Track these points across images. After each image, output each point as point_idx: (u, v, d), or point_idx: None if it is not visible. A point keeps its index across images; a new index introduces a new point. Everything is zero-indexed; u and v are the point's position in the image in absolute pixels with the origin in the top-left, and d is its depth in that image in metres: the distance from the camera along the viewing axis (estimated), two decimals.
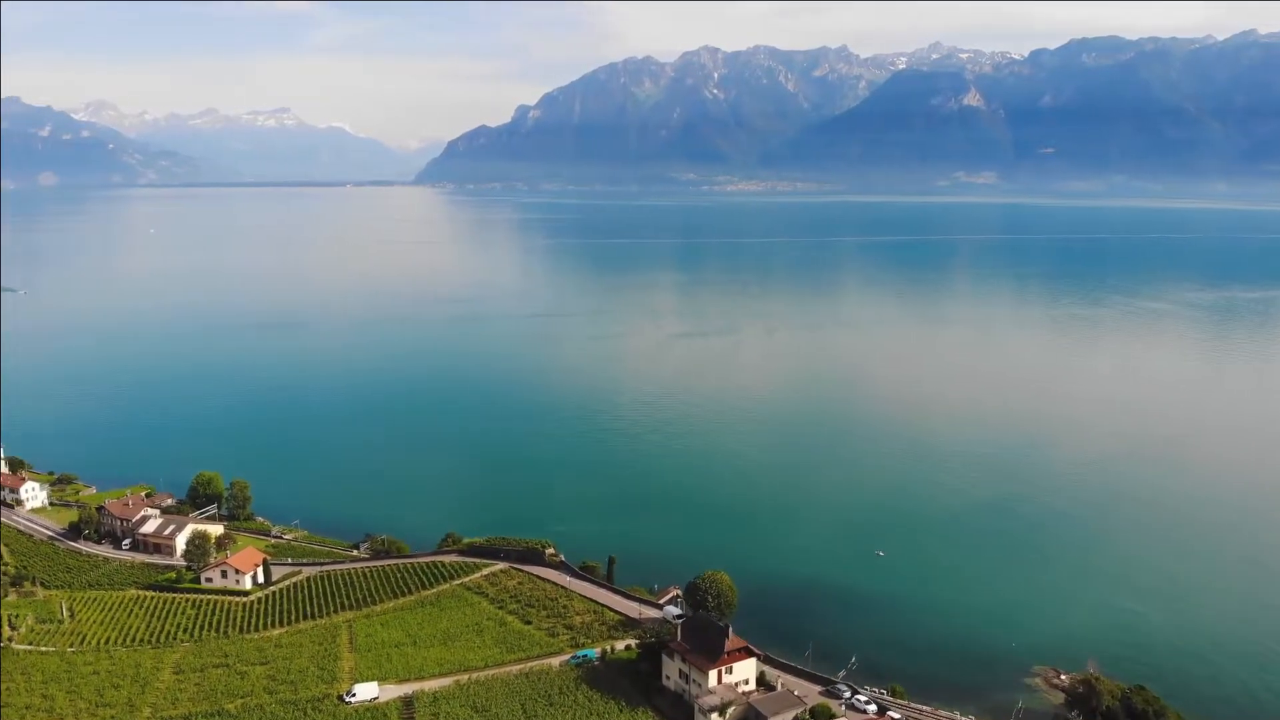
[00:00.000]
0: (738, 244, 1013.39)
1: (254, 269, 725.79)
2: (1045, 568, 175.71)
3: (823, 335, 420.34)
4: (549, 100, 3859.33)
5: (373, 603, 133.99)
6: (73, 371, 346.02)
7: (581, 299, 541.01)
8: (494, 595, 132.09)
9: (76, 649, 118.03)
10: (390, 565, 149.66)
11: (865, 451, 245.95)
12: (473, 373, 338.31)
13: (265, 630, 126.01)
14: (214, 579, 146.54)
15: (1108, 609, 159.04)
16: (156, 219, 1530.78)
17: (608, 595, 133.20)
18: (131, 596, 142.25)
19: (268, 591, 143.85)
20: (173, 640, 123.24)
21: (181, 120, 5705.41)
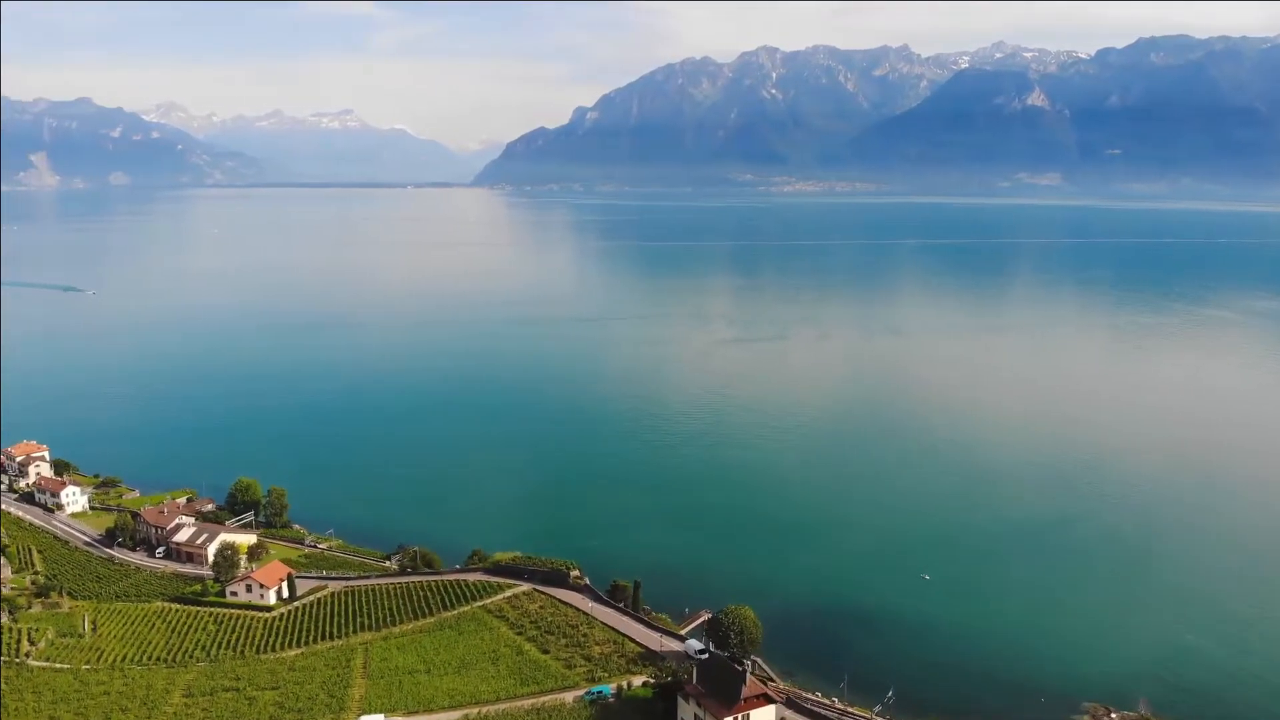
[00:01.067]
0: (792, 246, 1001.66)
1: (310, 269, 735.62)
2: (1100, 594, 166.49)
3: (875, 343, 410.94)
4: (606, 101, 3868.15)
5: (392, 623, 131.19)
6: (127, 372, 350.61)
7: (630, 303, 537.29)
8: (514, 619, 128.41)
9: (91, 666, 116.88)
10: (415, 582, 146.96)
11: (915, 467, 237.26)
12: (517, 378, 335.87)
13: (281, 651, 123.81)
14: (239, 593, 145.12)
15: (1164, 642, 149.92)
16: (220, 219, 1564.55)
17: (629, 623, 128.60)
18: (156, 609, 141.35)
19: (291, 607, 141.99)
20: (189, 659, 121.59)
21: (248, 122, 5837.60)
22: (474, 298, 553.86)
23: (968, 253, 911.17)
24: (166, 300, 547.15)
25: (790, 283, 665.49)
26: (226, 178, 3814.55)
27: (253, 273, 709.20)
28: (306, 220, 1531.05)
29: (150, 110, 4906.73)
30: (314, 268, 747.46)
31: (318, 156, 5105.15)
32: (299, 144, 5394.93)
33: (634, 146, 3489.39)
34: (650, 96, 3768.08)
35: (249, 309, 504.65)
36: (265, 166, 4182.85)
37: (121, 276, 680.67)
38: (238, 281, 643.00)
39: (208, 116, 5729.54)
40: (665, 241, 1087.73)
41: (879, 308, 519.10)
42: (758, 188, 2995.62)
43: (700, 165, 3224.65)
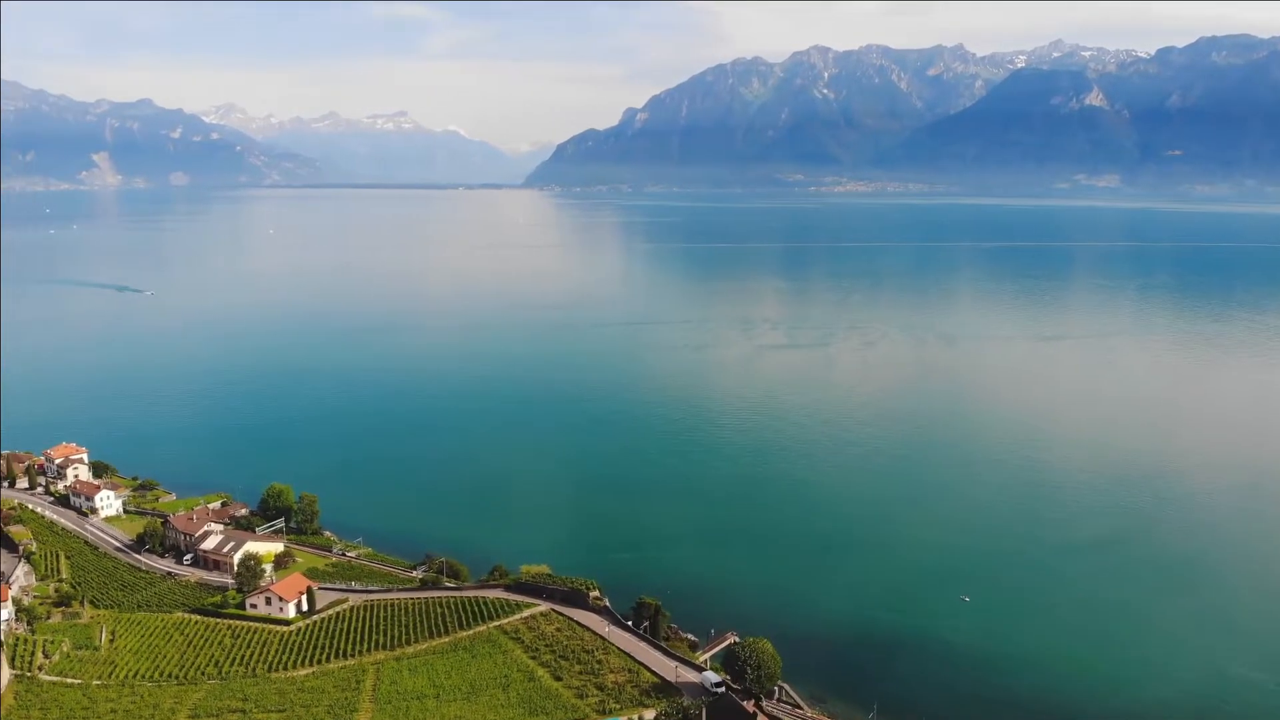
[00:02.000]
0: (842, 248, 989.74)
1: (359, 270, 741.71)
2: (1154, 623, 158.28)
3: (923, 350, 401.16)
4: (656, 103, 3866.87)
5: (407, 642, 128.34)
6: (175, 374, 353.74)
7: (673, 307, 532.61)
8: (529, 642, 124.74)
9: (102, 682, 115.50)
10: (433, 598, 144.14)
11: (961, 483, 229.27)
12: (556, 384, 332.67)
13: (293, 669, 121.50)
14: (258, 605, 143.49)
15: (1222, 675, 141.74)
16: (276, 219, 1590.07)
17: (646, 650, 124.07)
18: (175, 621, 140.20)
19: (309, 621, 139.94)
20: (200, 675, 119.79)
21: (305, 124, 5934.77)
22: (517, 301, 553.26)
23: (1023, 256, 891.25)
24: (220, 301, 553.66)
25: (838, 286, 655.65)
26: (284, 178, 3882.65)
27: (304, 274, 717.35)
28: (359, 221, 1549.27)
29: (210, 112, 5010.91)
30: (363, 269, 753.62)
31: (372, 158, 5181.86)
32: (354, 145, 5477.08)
33: (683, 147, 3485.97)
34: (700, 97, 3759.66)
35: (297, 311, 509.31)
36: (321, 167, 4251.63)
37: (179, 277, 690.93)
38: (290, 282, 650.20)
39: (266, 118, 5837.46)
40: (712, 243, 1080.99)
41: (929, 313, 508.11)
42: (809, 188, 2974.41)
43: (750, 166, 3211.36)
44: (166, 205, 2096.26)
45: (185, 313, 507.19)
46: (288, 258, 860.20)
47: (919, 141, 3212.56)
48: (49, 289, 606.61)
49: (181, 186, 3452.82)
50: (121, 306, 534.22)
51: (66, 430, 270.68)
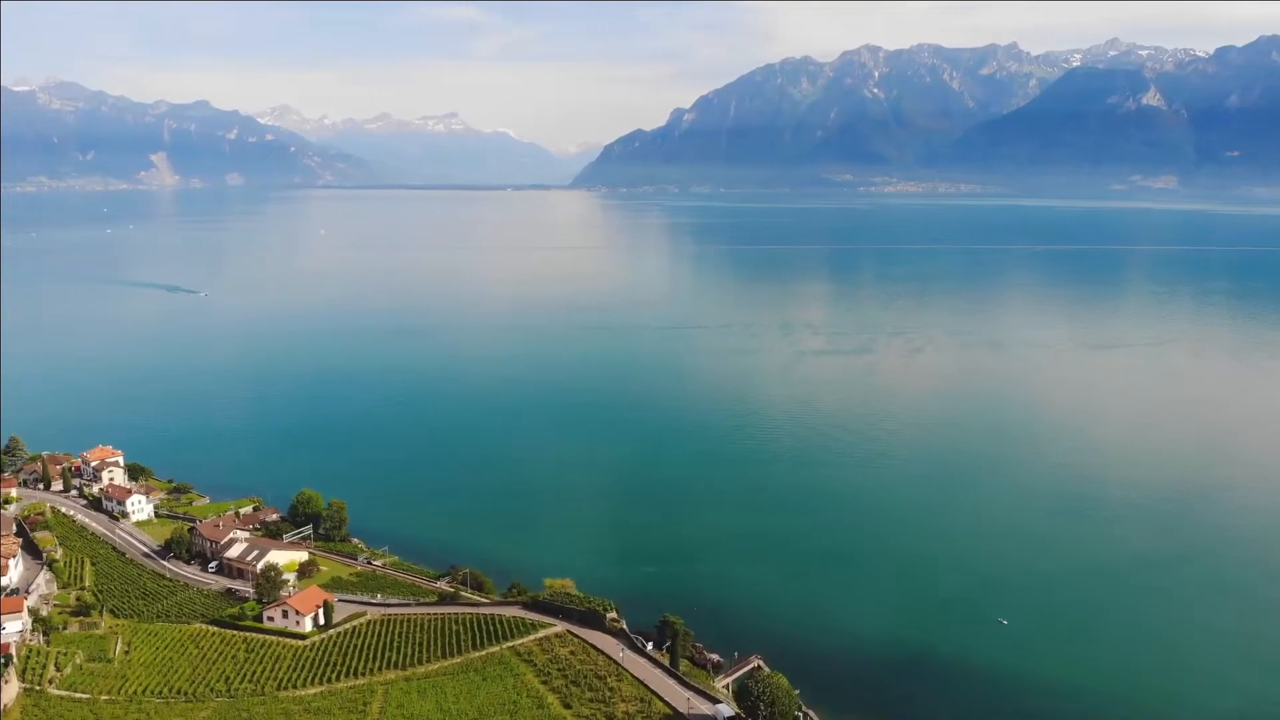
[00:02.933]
0: (891, 251, 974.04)
1: (406, 272, 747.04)
2: (1208, 655, 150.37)
3: (969, 357, 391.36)
4: (704, 103, 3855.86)
5: (419, 662, 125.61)
6: (219, 377, 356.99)
7: (714, 311, 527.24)
8: (541, 665, 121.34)
9: (110, 697, 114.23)
10: (450, 615, 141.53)
11: (1001, 496, 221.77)
12: (592, 389, 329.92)
13: (303, 688, 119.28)
14: (275, 618, 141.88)
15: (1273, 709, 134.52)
16: (328, 220, 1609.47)
17: (661, 677, 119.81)
18: (192, 632, 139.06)
19: (325, 635, 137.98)
20: (210, 692, 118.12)
21: (358, 125, 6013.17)
22: (558, 303, 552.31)
23: (1076, 260, 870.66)
24: (269, 303, 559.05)
25: (884, 290, 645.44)
26: (336, 179, 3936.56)
27: (352, 274, 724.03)
28: (408, 222, 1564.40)
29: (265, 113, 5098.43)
30: (408, 269, 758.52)
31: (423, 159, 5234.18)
32: (406, 146, 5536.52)
33: (730, 147, 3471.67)
34: (748, 97, 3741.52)
35: (342, 313, 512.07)
36: (373, 168, 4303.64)
37: (232, 278, 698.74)
38: (337, 283, 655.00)
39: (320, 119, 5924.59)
40: (757, 245, 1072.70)
41: (976, 319, 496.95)
42: (858, 188, 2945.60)
43: (798, 166, 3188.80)
44: (222, 205, 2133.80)
45: (235, 314, 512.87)
46: (337, 258, 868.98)
47: (971, 141, 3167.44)
48: (103, 289, 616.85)
49: (237, 187, 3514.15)
50: (174, 307, 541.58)
51: (108, 430, 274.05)
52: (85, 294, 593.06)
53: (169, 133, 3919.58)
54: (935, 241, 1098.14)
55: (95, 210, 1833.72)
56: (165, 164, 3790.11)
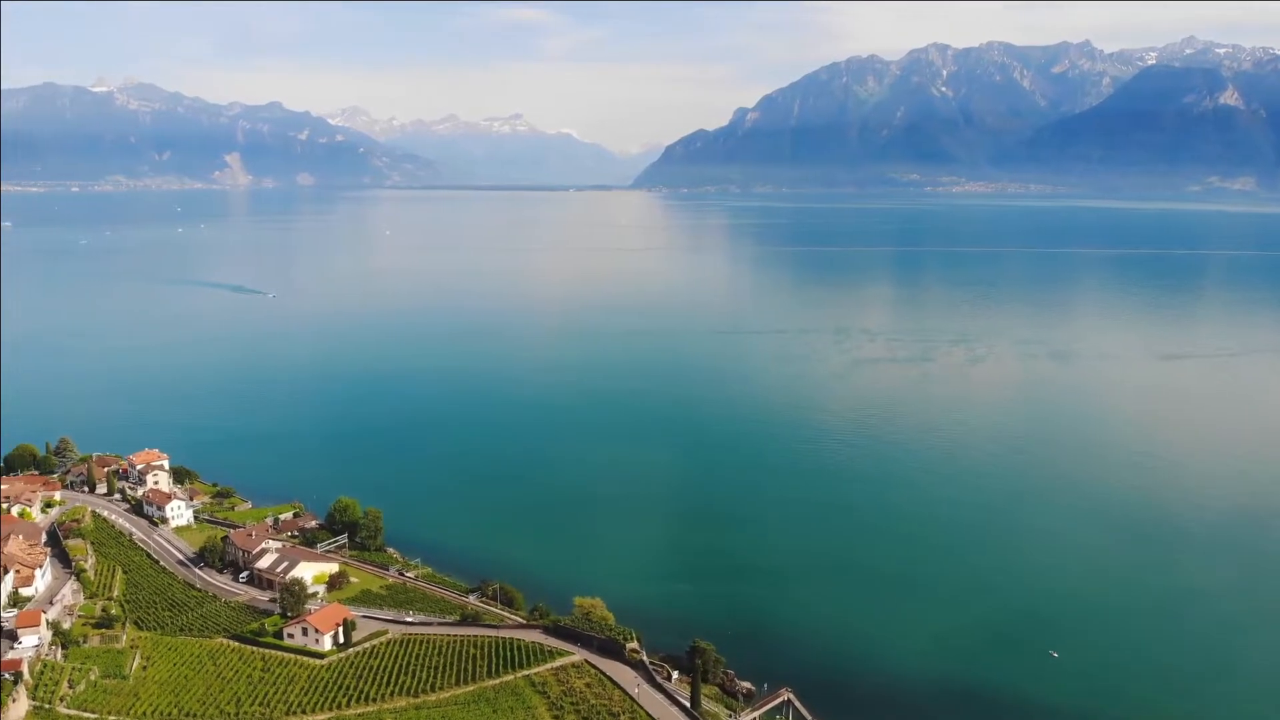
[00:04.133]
0: (956, 253, 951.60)
1: (463, 272, 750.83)
2: None
3: (1032, 367, 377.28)
4: (768, 102, 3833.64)
5: (432, 689, 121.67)
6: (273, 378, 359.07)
7: (770, 315, 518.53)
8: (555, 698, 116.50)
9: (118, 718, 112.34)
10: (471, 636, 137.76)
11: (1058, 517, 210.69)
12: (639, 396, 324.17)
13: (312, 714, 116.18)
14: (295, 635, 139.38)
15: None
16: (394, 220, 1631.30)
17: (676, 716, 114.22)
18: (212, 648, 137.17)
19: (343, 655, 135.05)
20: (219, 714, 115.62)
21: (425, 126, 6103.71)
22: (609, 306, 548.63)
23: (1149, 264, 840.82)
24: (331, 305, 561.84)
25: (947, 295, 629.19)
26: (404, 179, 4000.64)
27: (413, 276, 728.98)
28: (470, 223, 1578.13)
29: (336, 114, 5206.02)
30: (468, 271, 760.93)
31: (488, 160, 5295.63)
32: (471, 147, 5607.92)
33: (794, 147, 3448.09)
34: (813, 96, 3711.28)
35: (400, 315, 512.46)
36: (440, 169, 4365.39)
37: (300, 279, 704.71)
38: (399, 285, 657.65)
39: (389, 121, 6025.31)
40: (818, 247, 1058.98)
41: (1042, 326, 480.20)
42: (924, 188, 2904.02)
43: (863, 165, 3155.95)
44: (292, 205, 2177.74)
45: (300, 315, 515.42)
46: (400, 260, 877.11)
47: (1042, 141, 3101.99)
48: (171, 289, 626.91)
49: (308, 186, 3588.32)
50: (240, 307, 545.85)
51: (160, 431, 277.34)
52: (153, 294, 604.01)
53: (243, 133, 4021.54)
54: (1003, 244, 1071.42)
55: (169, 209, 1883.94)
56: (239, 164, 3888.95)
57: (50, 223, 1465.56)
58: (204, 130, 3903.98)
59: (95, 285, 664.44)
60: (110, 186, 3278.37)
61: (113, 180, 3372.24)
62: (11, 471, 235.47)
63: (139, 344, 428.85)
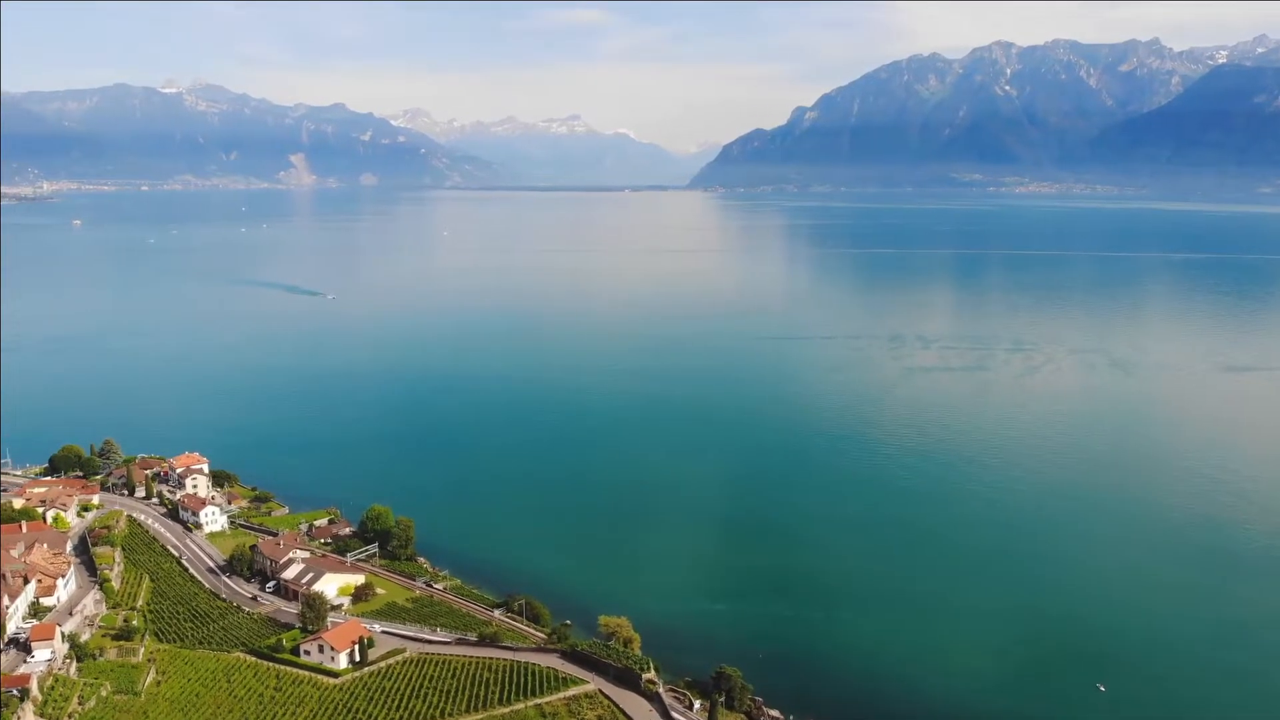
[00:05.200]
0: (1018, 256, 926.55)
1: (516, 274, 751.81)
2: None
3: (1092, 378, 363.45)
4: (827, 101, 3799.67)
5: (443, 715, 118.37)
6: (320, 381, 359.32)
7: (822, 320, 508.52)
8: None
9: None
10: (487, 659, 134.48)
11: (1110, 540, 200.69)
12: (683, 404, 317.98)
13: None
14: (311, 652, 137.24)
15: None
16: (452, 220, 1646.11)
17: None
18: (228, 663, 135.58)
19: (357, 675, 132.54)
20: None
21: (485, 127, 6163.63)
22: (657, 309, 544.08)
23: (1218, 269, 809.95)
24: (389, 307, 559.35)
25: (1007, 300, 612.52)
26: (463, 180, 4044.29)
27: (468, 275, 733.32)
28: (525, 223, 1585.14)
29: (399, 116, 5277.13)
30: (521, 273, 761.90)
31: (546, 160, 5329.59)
32: (529, 148, 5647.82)
33: (853, 146, 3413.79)
34: (873, 95, 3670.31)
35: (451, 318, 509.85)
36: (498, 170, 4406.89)
37: (360, 280, 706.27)
38: (453, 287, 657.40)
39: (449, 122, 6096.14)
40: (875, 248, 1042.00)
41: (1104, 335, 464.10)
42: (987, 188, 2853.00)
43: (924, 165, 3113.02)
44: (353, 205, 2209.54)
45: (357, 319, 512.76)
46: (455, 260, 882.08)
47: (1108, 141, 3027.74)
48: (231, 289, 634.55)
49: (370, 187, 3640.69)
50: (305, 310, 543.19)
51: (206, 432, 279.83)
52: (213, 293, 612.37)
53: (307, 134, 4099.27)
54: (1066, 247, 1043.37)
55: (234, 209, 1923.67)
56: (303, 164, 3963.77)
57: (120, 221, 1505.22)
58: (270, 131, 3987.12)
59: (158, 284, 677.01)
60: (179, 185, 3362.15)
61: (181, 180, 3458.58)
62: (56, 472, 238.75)
63: (194, 344, 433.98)
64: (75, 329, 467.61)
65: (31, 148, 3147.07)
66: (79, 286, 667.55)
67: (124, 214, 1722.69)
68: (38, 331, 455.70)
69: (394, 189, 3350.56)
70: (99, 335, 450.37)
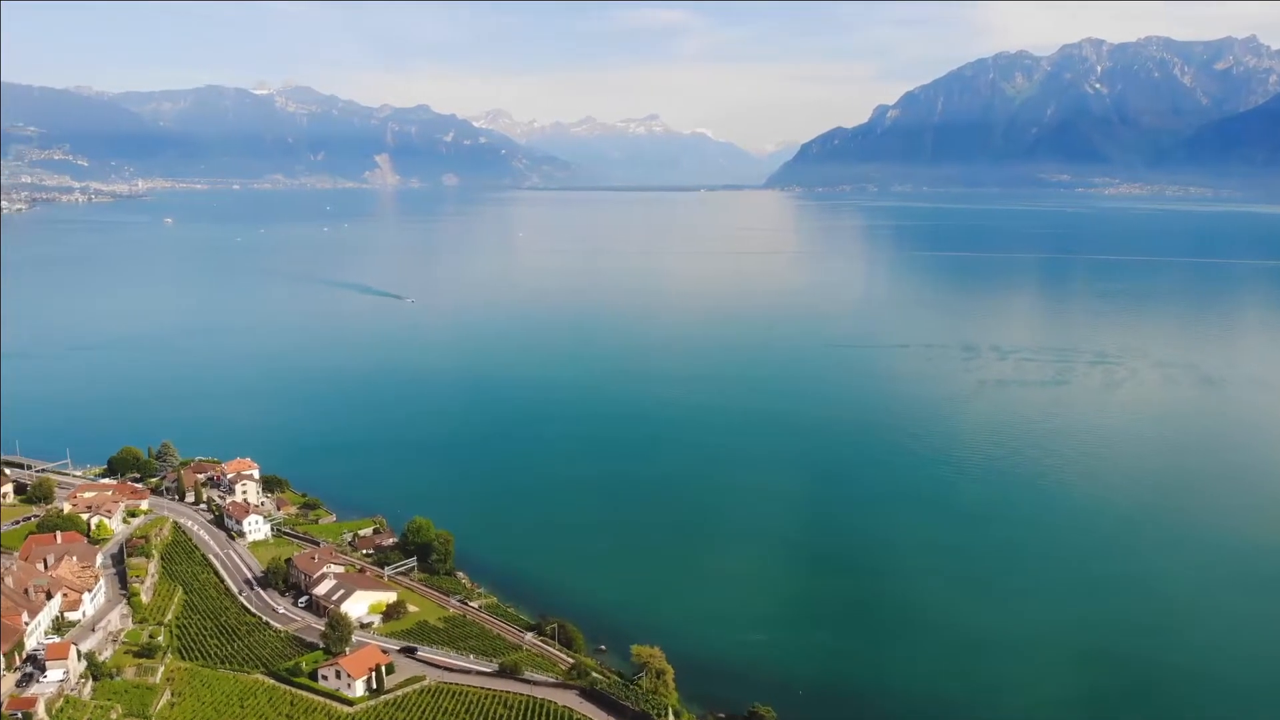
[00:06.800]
0: (1105, 262, 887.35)
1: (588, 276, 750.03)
2: None
3: (1178, 394, 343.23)
4: (909, 99, 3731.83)
5: None
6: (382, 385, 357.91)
7: (894, 327, 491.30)
8: None
9: None
10: (503, 692, 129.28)
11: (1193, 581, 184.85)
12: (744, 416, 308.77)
13: None
14: (328, 677, 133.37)
15: None
16: (529, 222, 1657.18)
17: None
18: (246, 685, 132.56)
19: (372, 705, 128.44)
20: None
21: (564, 128, 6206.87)
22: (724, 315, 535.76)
23: None
24: (463, 313, 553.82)
25: (1090, 309, 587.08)
26: (542, 181, 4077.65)
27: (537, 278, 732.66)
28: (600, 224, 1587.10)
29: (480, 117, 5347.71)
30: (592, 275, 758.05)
31: (623, 160, 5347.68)
32: (607, 148, 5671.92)
33: (936, 145, 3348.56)
34: (957, 93, 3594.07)
35: (518, 324, 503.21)
36: (576, 170, 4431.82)
37: (438, 283, 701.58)
38: (524, 291, 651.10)
39: (530, 123, 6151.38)
40: (955, 251, 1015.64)
41: (1195, 347, 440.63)
42: (1075, 189, 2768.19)
43: (1009, 165, 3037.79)
44: (434, 206, 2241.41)
45: (433, 324, 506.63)
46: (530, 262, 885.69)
47: (1203, 141, 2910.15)
48: (312, 290, 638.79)
49: (451, 187, 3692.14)
50: (384, 314, 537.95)
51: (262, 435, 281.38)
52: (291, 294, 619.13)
53: (392, 135, 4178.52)
54: (1158, 252, 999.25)
55: (319, 208, 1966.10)
56: (388, 165, 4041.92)
57: (209, 220, 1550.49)
58: (356, 132, 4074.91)
59: (238, 283, 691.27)
60: (269, 185, 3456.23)
61: (271, 179, 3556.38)
62: (114, 474, 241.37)
63: (265, 345, 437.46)
64: (150, 327, 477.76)
65: (128, 147, 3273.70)
66: (161, 285, 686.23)
67: (214, 213, 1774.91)
68: (113, 329, 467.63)
69: (474, 189, 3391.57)
70: (172, 334, 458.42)
